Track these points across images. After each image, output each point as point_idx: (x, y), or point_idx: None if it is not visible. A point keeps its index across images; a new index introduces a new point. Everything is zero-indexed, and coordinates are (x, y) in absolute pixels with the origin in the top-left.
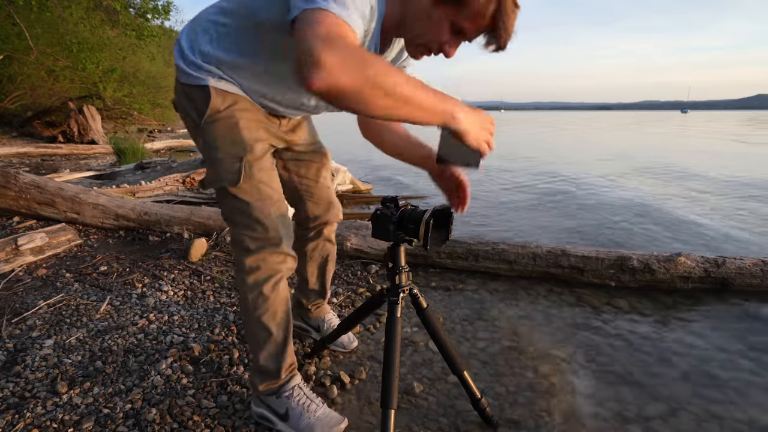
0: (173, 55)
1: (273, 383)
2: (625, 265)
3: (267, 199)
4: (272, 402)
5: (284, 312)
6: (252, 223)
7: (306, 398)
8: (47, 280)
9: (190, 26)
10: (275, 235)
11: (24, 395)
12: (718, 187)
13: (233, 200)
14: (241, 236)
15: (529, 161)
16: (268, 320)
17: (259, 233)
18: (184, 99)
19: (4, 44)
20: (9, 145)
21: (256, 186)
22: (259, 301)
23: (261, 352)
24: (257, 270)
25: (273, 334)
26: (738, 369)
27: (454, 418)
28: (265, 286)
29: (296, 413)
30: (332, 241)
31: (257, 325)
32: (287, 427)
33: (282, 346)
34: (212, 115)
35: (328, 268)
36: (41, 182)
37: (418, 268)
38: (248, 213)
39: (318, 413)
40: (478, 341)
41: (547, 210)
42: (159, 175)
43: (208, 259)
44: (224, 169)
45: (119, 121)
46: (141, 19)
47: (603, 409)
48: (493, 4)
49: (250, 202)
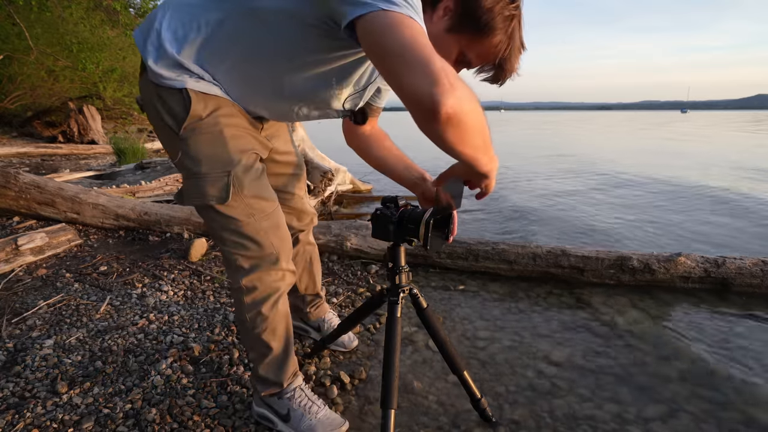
0: (139, 41)
1: (274, 391)
2: (625, 265)
3: (259, 212)
4: (274, 402)
5: (284, 326)
6: (244, 241)
7: (308, 400)
8: (47, 280)
9: (173, 13)
10: (271, 251)
11: (24, 395)
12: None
13: (221, 218)
14: (234, 255)
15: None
16: (268, 337)
17: (253, 251)
18: (156, 100)
19: (4, 44)
20: (9, 145)
21: (246, 201)
22: (258, 320)
23: (261, 364)
24: (254, 290)
25: (273, 348)
26: (738, 369)
27: (454, 418)
28: (264, 306)
29: (298, 414)
30: (312, 243)
31: (257, 341)
32: (288, 428)
33: (283, 358)
34: (193, 123)
35: (314, 269)
36: (41, 182)
37: (418, 268)
38: (239, 231)
39: (319, 415)
40: (478, 341)
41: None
42: (159, 175)
43: (208, 259)
44: (209, 185)
45: (119, 121)
46: (141, 19)
47: (602, 411)
48: (505, 45)
49: (240, 219)
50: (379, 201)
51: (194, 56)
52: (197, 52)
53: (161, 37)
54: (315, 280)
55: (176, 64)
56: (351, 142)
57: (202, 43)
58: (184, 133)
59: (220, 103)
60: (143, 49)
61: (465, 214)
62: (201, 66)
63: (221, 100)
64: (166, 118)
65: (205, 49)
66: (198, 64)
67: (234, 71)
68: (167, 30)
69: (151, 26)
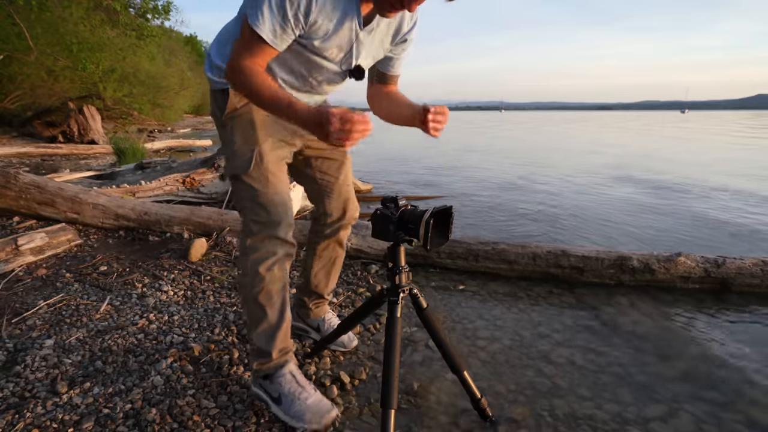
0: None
1: (265, 362)
2: (625, 265)
3: (272, 187)
4: (267, 386)
5: (279, 295)
6: (257, 208)
7: (297, 385)
8: (47, 280)
9: (218, 35)
10: (276, 219)
11: (24, 395)
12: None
13: (244, 187)
14: (249, 221)
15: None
16: (263, 300)
17: (262, 217)
18: (213, 104)
19: (4, 44)
20: (9, 145)
21: (264, 174)
22: (256, 280)
23: (255, 330)
24: (255, 251)
25: (267, 314)
26: (738, 369)
27: (455, 418)
28: (262, 266)
29: (288, 399)
30: (342, 246)
31: (253, 303)
32: (280, 410)
33: (275, 328)
34: (231, 112)
35: (333, 270)
36: (41, 182)
37: (418, 268)
38: (255, 199)
39: (309, 401)
40: (478, 341)
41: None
42: (159, 175)
43: (208, 259)
44: (238, 158)
45: (119, 121)
46: (141, 19)
47: (602, 411)
48: None
49: (258, 189)
50: (379, 201)
51: None
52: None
53: (211, 54)
54: (328, 282)
55: (221, 71)
56: (373, 107)
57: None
58: (225, 120)
59: None
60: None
61: (465, 214)
62: None
63: None
64: (216, 112)
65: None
66: None
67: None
68: (214, 48)
69: (212, 44)
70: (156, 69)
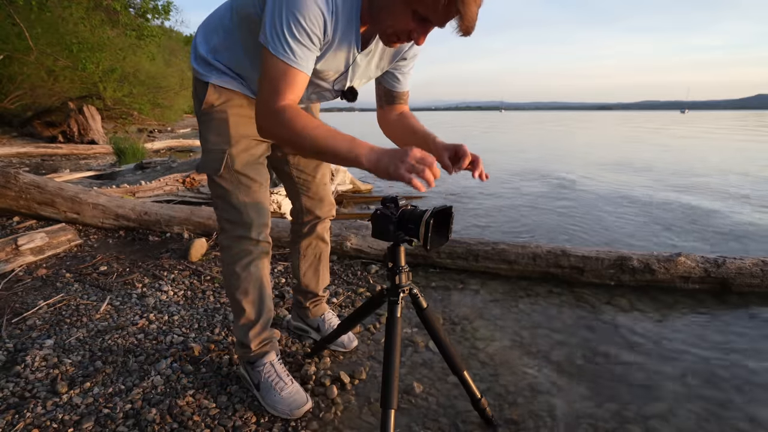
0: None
1: (245, 353)
2: (625, 265)
3: (244, 188)
4: (249, 371)
5: (257, 293)
6: (228, 207)
7: (276, 376)
8: (47, 280)
9: (205, 23)
10: (247, 220)
11: (24, 395)
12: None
13: (216, 186)
14: (221, 218)
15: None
16: (241, 296)
17: (233, 216)
18: (194, 93)
19: (4, 44)
20: (9, 145)
21: (235, 176)
22: (233, 278)
23: (236, 322)
24: (230, 249)
25: (245, 310)
26: (738, 368)
27: (454, 418)
28: (238, 265)
29: (265, 387)
30: (326, 241)
31: (233, 299)
32: (258, 395)
33: (252, 324)
34: (207, 108)
35: (321, 267)
36: (41, 182)
37: (418, 268)
38: (226, 199)
39: (284, 392)
40: (478, 341)
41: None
42: (159, 175)
43: (208, 259)
44: (210, 159)
45: (119, 121)
46: (141, 19)
47: (602, 409)
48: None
49: (229, 190)
50: (379, 201)
51: (218, 55)
52: (220, 51)
53: (196, 41)
54: (318, 279)
55: (206, 62)
56: (384, 130)
57: (223, 44)
58: (200, 116)
59: (232, 96)
60: (191, 50)
61: (465, 215)
62: (223, 63)
63: (234, 93)
64: (196, 105)
65: (226, 48)
66: (221, 61)
67: (245, 63)
68: (200, 36)
69: (198, 30)
70: (156, 69)
